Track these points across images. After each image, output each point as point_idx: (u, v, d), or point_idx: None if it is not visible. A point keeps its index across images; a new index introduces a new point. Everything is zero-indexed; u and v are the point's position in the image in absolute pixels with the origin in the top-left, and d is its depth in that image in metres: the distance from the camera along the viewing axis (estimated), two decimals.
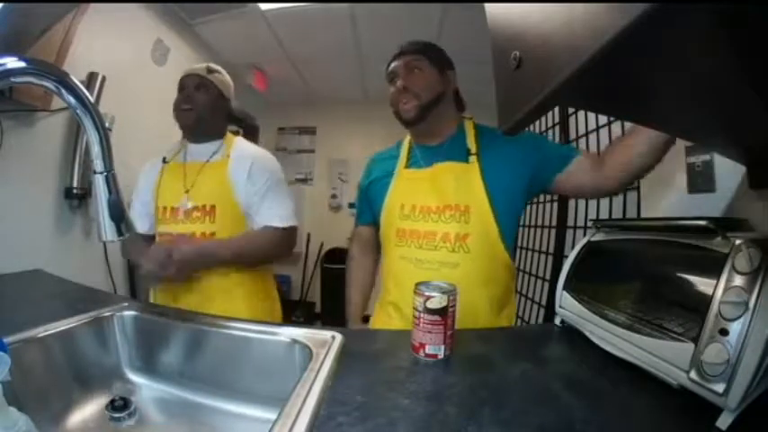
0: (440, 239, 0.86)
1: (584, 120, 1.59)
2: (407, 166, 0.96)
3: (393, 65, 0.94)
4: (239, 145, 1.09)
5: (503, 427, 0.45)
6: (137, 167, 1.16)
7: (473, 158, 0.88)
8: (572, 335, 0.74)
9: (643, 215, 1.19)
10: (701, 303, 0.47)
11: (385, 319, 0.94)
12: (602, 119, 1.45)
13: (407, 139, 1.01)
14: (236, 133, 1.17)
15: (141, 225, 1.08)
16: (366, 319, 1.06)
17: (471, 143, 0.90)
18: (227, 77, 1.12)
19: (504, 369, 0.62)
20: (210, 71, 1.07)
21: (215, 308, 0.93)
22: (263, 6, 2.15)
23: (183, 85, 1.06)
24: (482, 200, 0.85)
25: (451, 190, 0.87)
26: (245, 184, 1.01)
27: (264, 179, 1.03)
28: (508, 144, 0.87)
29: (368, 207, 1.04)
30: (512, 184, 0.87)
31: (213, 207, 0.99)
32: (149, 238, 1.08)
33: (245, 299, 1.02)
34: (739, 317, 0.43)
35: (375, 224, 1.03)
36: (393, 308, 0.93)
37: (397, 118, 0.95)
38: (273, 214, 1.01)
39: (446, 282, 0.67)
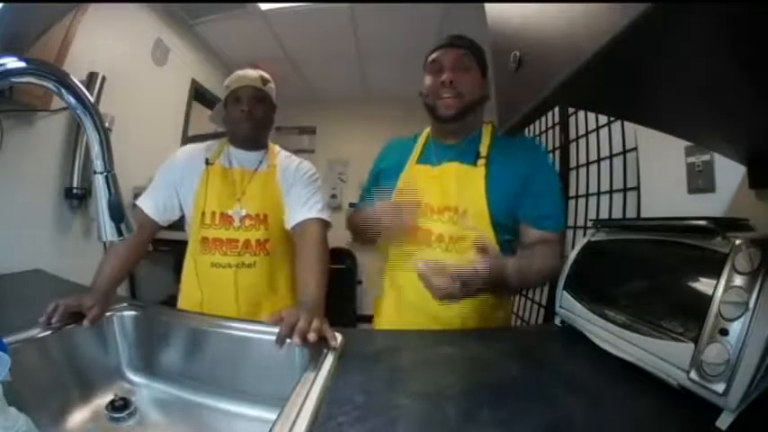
0: (435, 239, 0.86)
1: (584, 120, 1.59)
2: (419, 160, 0.95)
3: (438, 54, 0.88)
4: (282, 154, 1.12)
5: (502, 427, 0.45)
6: (137, 167, 1.16)
7: (481, 162, 0.86)
8: (572, 335, 0.74)
9: (643, 215, 1.19)
10: (701, 303, 0.47)
11: (389, 302, 0.96)
12: (602, 119, 1.45)
13: (426, 132, 0.99)
14: None
15: (161, 217, 1.01)
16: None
17: (484, 148, 0.88)
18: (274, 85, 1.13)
19: (504, 369, 0.62)
20: (265, 82, 1.07)
21: (261, 311, 1.00)
22: (263, 6, 2.15)
23: (238, 97, 1.04)
24: (481, 204, 0.84)
25: (454, 191, 0.86)
26: (291, 188, 1.05)
27: (308, 176, 1.07)
28: (516, 154, 0.86)
29: (375, 193, 0.97)
30: (510, 194, 0.85)
31: (266, 216, 1.02)
32: (149, 229, 1.01)
33: (289, 299, 1.06)
34: (739, 317, 0.43)
35: None
36: (393, 294, 0.95)
37: (428, 109, 0.91)
38: (321, 207, 1.02)
39: None
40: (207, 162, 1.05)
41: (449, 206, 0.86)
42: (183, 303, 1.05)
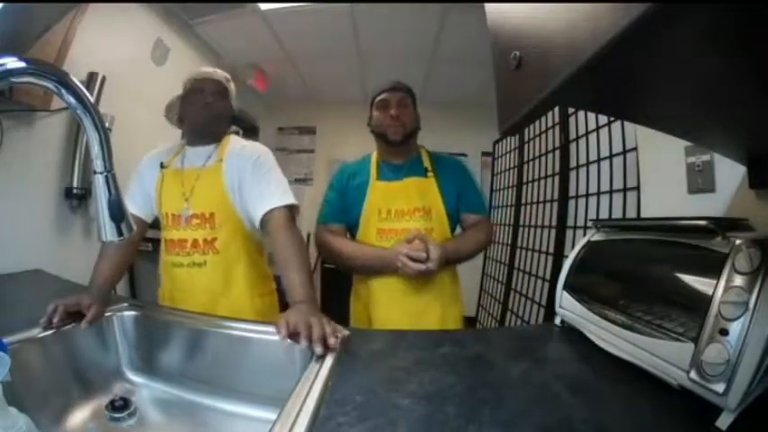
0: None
1: (584, 120, 1.59)
2: (378, 178, 1.18)
3: (386, 95, 1.16)
4: (231, 146, 1.08)
5: (503, 427, 0.45)
6: (136, 167, 1.16)
7: (430, 174, 1.17)
8: (572, 335, 0.74)
9: (643, 215, 1.19)
10: (701, 303, 0.47)
11: (361, 306, 1.24)
12: (603, 119, 1.45)
13: (374, 157, 1.23)
14: (234, 133, 1.16)
15: (145, 215, 1.06)
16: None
17: (427, 164, 1.19)
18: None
19: (504, 369, 0.62)
20: (228, 80, 1.11)
21: (219, 310, 0.95)
22: (263, 6, 2.15)
23: (199, 89, 1.05)
24: (439, 203, 1.14)
25: (418, 196, 1.13)
26: (242, 182, 1.01)
27: (253, 161, 1.02)
28: (452, 169, 1.20)
29: (342, 210, 1.18)
30: (454, 195, 1.16)
31: (212, 215, 1.00)
32: (139, 228, 1.03)
33: (246, 297, 1.03)
34: (739, 317, 0.43)
35: (346, 225, 1.20)
36: (365, 292, 1.18)
37: (378, 137, 1.18)
38: (281, 192, 0.98)
39: None
40: (162, 165, 1.07)
41: (417, 207, 1.13)
42: (159, 300, 1.09)
